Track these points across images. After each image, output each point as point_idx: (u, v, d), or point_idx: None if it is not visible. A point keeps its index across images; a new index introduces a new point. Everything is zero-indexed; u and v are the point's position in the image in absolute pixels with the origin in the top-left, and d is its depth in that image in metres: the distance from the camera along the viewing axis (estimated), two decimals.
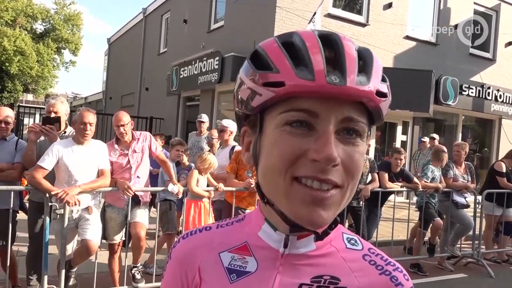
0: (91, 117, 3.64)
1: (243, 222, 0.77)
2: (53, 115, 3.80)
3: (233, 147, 5.14)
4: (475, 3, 12.21)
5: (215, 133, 5.98)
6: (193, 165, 5.21)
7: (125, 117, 4.05)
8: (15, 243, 3.95)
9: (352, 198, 0.66)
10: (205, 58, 11.07)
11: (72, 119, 3.68)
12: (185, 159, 5.48)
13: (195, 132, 7.00)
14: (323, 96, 0.59)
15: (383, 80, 0.64)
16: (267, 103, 0.62)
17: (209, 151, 5.52)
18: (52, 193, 3.49)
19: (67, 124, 4.08)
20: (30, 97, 41.37)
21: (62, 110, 3.91)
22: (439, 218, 5.79)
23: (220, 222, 0.80)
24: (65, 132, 3.97)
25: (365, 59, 0.62)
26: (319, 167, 0.59)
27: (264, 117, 0.65)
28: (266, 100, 0.62)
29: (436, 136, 9.18)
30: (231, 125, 5.29)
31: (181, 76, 12.39)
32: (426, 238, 6.00)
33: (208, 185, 4.70)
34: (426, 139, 9.49)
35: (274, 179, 0.63)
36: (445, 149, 5.98)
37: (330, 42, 0.62)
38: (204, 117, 6.79)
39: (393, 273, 0.69)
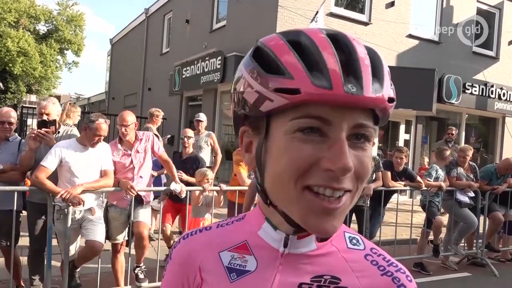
0: (105, 128, 3.67)
1: (243, 221, 0.77)
2: (45, 117, 3.77)
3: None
4: (478, 1, 12.15)
5: (189, 132, 5.58)
6: None
7: (129, 117, 4.05)
8: (18, 243, 3.96)
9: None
10: (207, 58, 11.09)
11: (85, 123, 3.65)
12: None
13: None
14: (338, 104, 0.58)
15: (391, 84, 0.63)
16: (279, 109, 0.60)
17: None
18: (57, 196, 3.49)
19: (60, 124, 4.07)
20: (33, 98, 41.47)
21: (54, 111, 3.89)
22: (440, 217, 5.77)
23: (220, 221, 0.79)
24: (58, 132, 3.95)
25: (375, 63, 0.61)
26: (333, 176, 0.58)
27: (270, 120, 0.63)
28: (279, 106, 0.59)
29: None
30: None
31: (184, 76, 12.41)
32: (431, 238, 5.98)
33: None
34: None
35: (284, 186, 0.61)
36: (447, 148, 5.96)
37: (340, 44, 0.60)
38: (202, 116, 6.78)
39: (395, 274, 0.68)
